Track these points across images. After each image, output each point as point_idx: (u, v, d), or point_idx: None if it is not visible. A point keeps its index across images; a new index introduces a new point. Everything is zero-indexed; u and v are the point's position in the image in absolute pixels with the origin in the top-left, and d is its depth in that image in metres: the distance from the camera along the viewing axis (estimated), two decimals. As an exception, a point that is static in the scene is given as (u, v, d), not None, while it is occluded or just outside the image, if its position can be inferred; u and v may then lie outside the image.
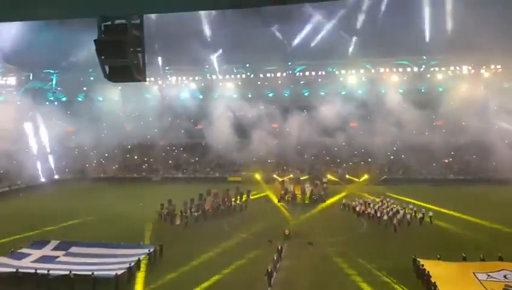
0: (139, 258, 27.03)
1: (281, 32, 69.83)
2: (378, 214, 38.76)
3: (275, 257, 26.90)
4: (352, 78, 72.26)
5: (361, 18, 63.82)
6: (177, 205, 41.75)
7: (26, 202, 52.20)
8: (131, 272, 25.37)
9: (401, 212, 39.06)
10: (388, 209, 39.87)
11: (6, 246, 30.31)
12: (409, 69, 71.85)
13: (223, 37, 66.31)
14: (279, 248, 28.82)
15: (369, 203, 42.42)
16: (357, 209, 41.64)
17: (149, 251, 28.79)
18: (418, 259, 25.31)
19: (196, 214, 40.78)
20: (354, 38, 67.04)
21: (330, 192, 51.07)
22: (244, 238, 34.40)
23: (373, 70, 71.60)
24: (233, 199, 45.75)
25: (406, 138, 62.66)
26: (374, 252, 29.85)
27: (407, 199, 45.14)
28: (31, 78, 73.56)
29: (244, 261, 28.29)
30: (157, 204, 42.14)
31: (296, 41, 69.95)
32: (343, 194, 50.34)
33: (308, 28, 68.71)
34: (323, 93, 72.21)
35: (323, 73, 73.43)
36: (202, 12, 61.29)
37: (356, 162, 67.20)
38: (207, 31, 67.87)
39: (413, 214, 38.80)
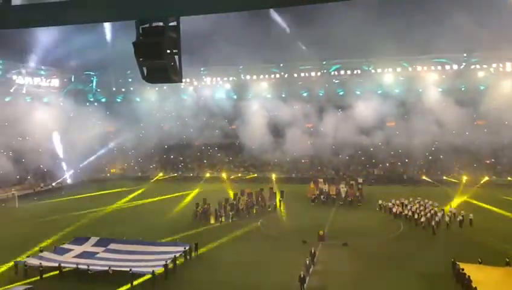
0: (175, 256, 27.54)
1: (313, 30, 69.17)
2: (416, 216, 37.79)
3: (308, 261, 26.44)
4: (389, 77, 70.66)
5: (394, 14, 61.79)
6: (212, 204, 42.25)
7: (67, 199, 54.30)
8: (167, 269, 25.91)
9: (440, 214, 37.89)
10: (426, 210, 38.77)
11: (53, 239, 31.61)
12: (448, 67, 69.54)
13: (257, 36, 66.35)
14: (313, 251, 28.14)
15: (406, 205, 41.42)
16: (394, 210, 40.75)
17: (185, 248, 29.27)
18: (457, 263, 24.52)
19: (231, 213, 41.13)
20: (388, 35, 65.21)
21: (365, 193, 50.19)
22: (278, 238, 34.39)
23: (410, 69, 69.78)
24: (267, 199, 45.79)
25: (445, 138, 60.73)
26: (411, 254, 29.17)
27: (445, 201, 43.74)
28: (72, 80, 76.37)
29: (278, 261, 28.28)
30: (193, 203, 42.80)
31: (330, 39, 69.00)
32: (378, 195, 49.30)
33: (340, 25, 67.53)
34: (358, 93, 70.97)
35: (359, 72, 72.24)
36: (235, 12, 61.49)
37: (393, 162, 65.71)
38: (240, 30, 68.06)
39: (453, 216, 37.56)
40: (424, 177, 59.56)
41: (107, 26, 64.58)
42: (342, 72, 72.64)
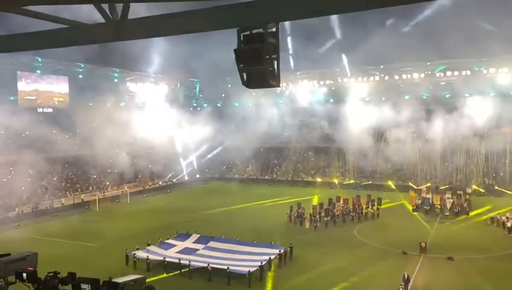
0: (270, 258, 27.92)
1: (416, 29, 65.64)
2: (536, 233, 33.76)
3: (400, 288, 23.50)
4: (503, 78, 63.91)
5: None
6: (306, 209, 42.09)
7: (172, 197, 58.26)
8: (263, 270, 26.37)
9: None
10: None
11: (160, 234, 34.02)
12: None
13: (355, 38, 64.85)
14: (406, 276, 24.14)
15: (523, 219, 37.18)
16: (508, 224, 36.75)
17: (280, 251, 29.53)
18: None
19: (326, 219, 40.56)
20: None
21: (474, 204, 46.06)
22: (376, 247, 33.07)
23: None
24: (364, 206, 44.33)
25: None
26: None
27: None
28: (178, 86, 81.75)
29: (375, 271, 27.21)
30: (287, 206, 43.05)
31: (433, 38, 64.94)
32: (489, 207, 44.95)
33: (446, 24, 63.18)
34: (467, 95, 65.31)
35: (468, 73, 66.50)
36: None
37: (508, 172, 59.34)
38: (338, 32, 67.13)
39: None
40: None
41: (209, 35, 68.06)
42: (449, 73, 67.57)
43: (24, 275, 5.87)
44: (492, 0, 56.05)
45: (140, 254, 29.56)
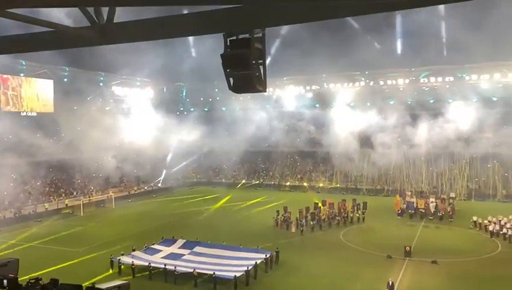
0: (256, 262, 27.88)
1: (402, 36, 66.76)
2: (517, 236, 34.38)
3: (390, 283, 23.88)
4: (486, 84, 65.21)
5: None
6: (293, 213, 42.18)
7: (158, 201, 57.82)
8: (249, 275, 26.32)
9: (547, 235, 34.09)
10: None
11: (145, 239, 33.73)
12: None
13: (339, 44, 65.52)
14: (391, 283, 23.97)
15: (505, 223, 37.76)
16: (491, 228, 37.37)
17: (266, 255, 29.51)
18: None
19: (312, 223, 40.70)
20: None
21: (458, 208, 46.75)
22: (361, 251, 33.28)
23: (510, 75, 63.67)
24: (349, 210, 44.62)
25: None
26: (509, 278, 26.51)
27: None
28: (164, 90, 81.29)
29: (360, 275, 27.39)
30: (274, 210, 43.11)
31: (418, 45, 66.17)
32: (472, 211, 45.60)
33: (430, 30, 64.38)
34: (451, 101, 66.48)
35: (451, 79, 67.67)
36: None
37: (490, 176, 60.38)
38: (323, 38, 67.68)
39: None
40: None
41: (195, 40, 68.05)
42: (433, 79, 68.62)
43: (5, 281, 5.78)
44: (473, 9, 57.09)
45: (125, 259, 29.24)
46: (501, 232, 36.36)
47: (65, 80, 62.88)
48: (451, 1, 5.51)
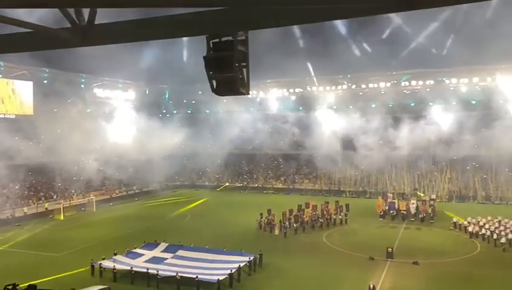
0: (239, 265, 27.81)
1: (383, 39, 67.67)
2: (495, 236, 35.06)
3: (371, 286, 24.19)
4: (465, 88, 66.57)
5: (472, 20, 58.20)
6: (276, 215, 42.23)
7: (140, 205, 57.22)
8: (232, 279, 26.23)
9: (524, 235, 34.88)
10: (507, 230, 35.82)
11: (126, 243, 33.30)
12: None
13: (322, 48, 66.16)
14: (372, 287, 24.25)
15: (484, 224, 38.56)
16: (470, 229, 38.10)
17: (249, 258, 29.45)
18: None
19: (295, 225, 40.82)
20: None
21: (439, 210, 47.52)
22: (344, 253, 33.53)
23: (489, 79, 65.07)
24: (332, 212, 44.91)
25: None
26: (488, 278, 27.06)
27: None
28: (147, 92, 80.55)
29: (343, 277, 27.59)
30: (257, 213, 43.08)
31: (401, 48, 67.21)
32: (452, 212, 46.44)
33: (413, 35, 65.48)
34: (431, 104, 67.71)
35: (432, 82, 68.85)
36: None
37: (470, 178, 61.51)
38: (305, 42, 68.32)
39: (539, 238, 34.34)
40: (503, 195, 55.31)
41: (180, 41, 67.78)
42: (414, 82, 69.72)
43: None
44: (452, 14, 58.37)
45: (107, 263, 28.81)
46: (480, 233, 37.08)
47: (45, 81, 61.75)
48: (429, 6, 5.61)
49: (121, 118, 68.03)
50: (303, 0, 5.83)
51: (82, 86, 67.34)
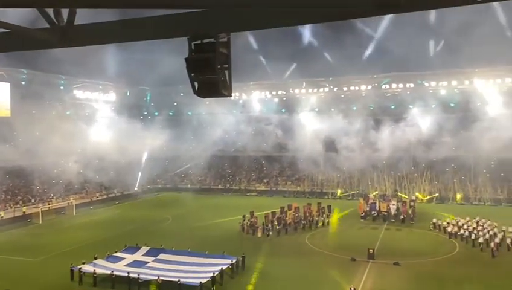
0: (222, 268, 27.68)
1: (363, 42, 68.54)
2: (473, 236, 35.77)
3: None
4: (444, 90, 67.88)
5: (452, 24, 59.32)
6: (259, 217, 42.22)
7: (121, 208, 56.49)
8: (214, 281, 26.09)
9: (500, 235, 35.65)
10: (485, 231, 36.60)
11: (107, 247, 32.79)
12: (509, 80, 65.20)
13: (305, 51, 66.64)
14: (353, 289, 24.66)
15: (462, 224, 39.31)
16: (449, 229, 38.79)
17: (232, 261, 29.35)
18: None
19: (278, 227, 40.88)
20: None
21: (419, 211, 48.22)
22: (326, 254, 33.74)
23: (467, 82, 66.41)
24: (315, 214, 45.14)
25: (507, 155, 56.96)
26: (467, 277, 27.59)
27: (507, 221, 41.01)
28: (128, 94, 79.65)
29: (325, 279, 27.74)
30: (240, 215, 43.00)
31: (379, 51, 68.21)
32: (432, 213, 47.22)
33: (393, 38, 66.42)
34: (411, 107, 68.85)
35: (412, 85, 69.96)
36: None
37: (450, 179, 62.62)
38: (292, 46, 68.60)
39: (515, 238, 35.12)
40: (482, 196, 56.54)
41: (161, 43, 67.15)
42: (394, 85, 70.73)
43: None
44: (432, 17, 59.40)
45: (87, 268, 28.30)
46: (459, 233, 37.77)
47: (23, 82, 60.39)
48: (412, 10, 5.69)
49: (101, 120, 67.09)
50: (284, 3, 5.84)
51: (61, 87, 66.15)
